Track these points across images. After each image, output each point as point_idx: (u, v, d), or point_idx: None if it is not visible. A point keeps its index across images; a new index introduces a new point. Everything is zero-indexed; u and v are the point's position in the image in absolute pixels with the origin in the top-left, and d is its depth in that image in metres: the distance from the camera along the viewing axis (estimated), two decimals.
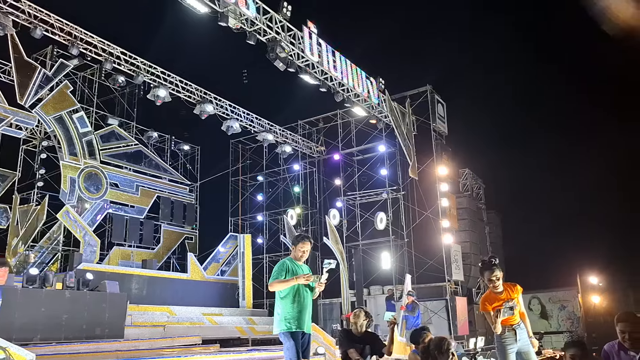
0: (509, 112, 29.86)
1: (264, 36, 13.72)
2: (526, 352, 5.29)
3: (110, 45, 15.54)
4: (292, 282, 5.12)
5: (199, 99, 17.86)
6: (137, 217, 19.21)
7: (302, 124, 23.40)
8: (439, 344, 4.36)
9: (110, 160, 18.39)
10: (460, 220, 21.09)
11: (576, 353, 4.51)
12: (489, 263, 5.44)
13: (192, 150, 23.19)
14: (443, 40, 30.79)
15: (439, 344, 4.37)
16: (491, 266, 5.37)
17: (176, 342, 11.59)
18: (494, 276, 5.30)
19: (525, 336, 5.31)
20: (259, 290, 21.16)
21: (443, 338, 4.50)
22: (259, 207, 24.33)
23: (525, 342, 5.29)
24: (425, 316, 18.54)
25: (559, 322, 23.75)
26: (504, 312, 5.18)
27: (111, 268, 15.47)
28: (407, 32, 31.16)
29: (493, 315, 5.20)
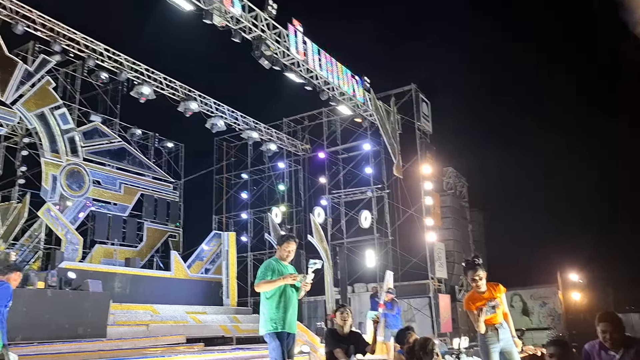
0: (493, 112, 30.13)
1: (249, 34, 13.68)
2: (509, 351, 5.36)
3: (93, 41, 15.37)
4: (279, 283, 5.13)
5: (183, 96, 17.74)
6: (120, 215, 19.04)
7: (287, 122, 23.39)
8: (424, 344, 4.41)
9: (92, 157, 18.18)
10: (444, 219, 21.26)
11: (555, 352, 4.59)
12: (472, 263, 5.51)
13: (176, 148, 23.04)
14: (428, 39, 30.91)
15: (423, 344, 4.41)
16: (474, 266, 5.45)
17: (160, 342, 11.54)
18: (477, 276, 5.38)
19: (508, 335, 5.38)
20: (243, 288, 21.13)
21: (428, 338, 4.54)
22: (243, 205, 24.27)
23: (508, 342, 5.35)
24: (408, 313, 18.68)
25: (540, 319, 24.05)
26: (486, 311, 5.26)
27: (94, 267, 15.34)
28: (392, 31, 31.29)
29: (476, 314, 5.27)
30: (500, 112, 30.30)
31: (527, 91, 29.85)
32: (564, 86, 28.20)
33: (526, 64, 29.66)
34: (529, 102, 30.42)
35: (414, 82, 20.92)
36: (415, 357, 4.39)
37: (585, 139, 27.49)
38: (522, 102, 30.51)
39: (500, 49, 30.50)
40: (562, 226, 25.65)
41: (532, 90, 29.58)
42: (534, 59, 28.88)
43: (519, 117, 30.12)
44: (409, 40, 31.43)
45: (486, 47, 30.44)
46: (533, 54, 29.06)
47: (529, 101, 30.34)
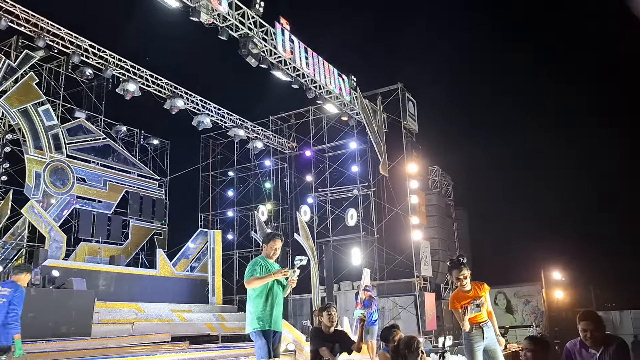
0: (478, 111, 30.39)
1: (236, 32, 13.64)
2: (493, 349, 5.43)
3: (78, 37, 15.20)
4: (270, 278, 5.14)
5: (170, 93, 17.64)
6: (105, 213, 18.89)
7: (274, 120, 23.37)
8: (409, 343, 4.44)
9: (77, 154, 18.03)
10: (429, 217, 21.40)
11: (529, 347, 4.67)
12: (457, 262, 5.58)
13: (161, 145, 22.89)
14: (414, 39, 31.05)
15: (408, 343, 4.45)
16: (459, 265, 5.51)
17: (145, 340, 11.50)
18: (462, 275, 5.44)
19: (492, 334, 5.44)
20: (229, 286, 21.11)
21: (412, 337, 4.58)
22: (229, 202, 24.21)
23: (492, 340, 5.42)
24: (394, 311, 18.80)
25: (524, 317, 24.34)
26: (471, 309, 5.33)
27: (78, 264, 15.23)
28: (379, 30, 31.39)
29: (461, 313, 5.34)
30: (486, 112, 30.58)
31: (513, 91, 30.15)
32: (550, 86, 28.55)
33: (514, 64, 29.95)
34: (515, 102, 30.71)
35: (400, 81, 21.03)
36: (400, 355, 4.42)
37: (569, 140, 27.85)
38: (507, 102, 30.79)
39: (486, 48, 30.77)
40: (546, 225, 26.00)
41: (518, 90, 29.89)
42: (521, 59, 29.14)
43: (505, 117, 30.37)
44: (396, 40, 31.57)
45: (473, 47, 30.69)
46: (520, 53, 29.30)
47: (515, 101, 30.64)
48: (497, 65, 31.23)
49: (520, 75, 29.00)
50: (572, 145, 27.48)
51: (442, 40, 30.62)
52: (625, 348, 4.14)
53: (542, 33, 29.36)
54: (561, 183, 26.85)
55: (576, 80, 28.10)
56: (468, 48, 30.49)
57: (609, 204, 27.37)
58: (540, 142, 29.47)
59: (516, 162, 29.16)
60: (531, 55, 28.74)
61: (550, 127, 29.42)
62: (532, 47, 29.00)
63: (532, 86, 29.03)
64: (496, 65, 31.15)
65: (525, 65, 29.04)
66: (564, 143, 28.42)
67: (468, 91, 30.91)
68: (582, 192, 26.65)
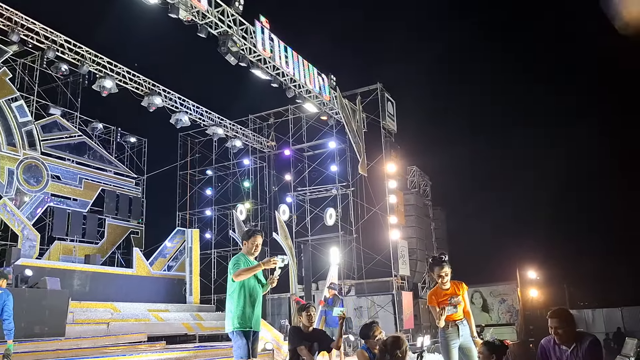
0: (457, 112, 30.73)
1: (215, 29, 13.55)
2: (468, 347, 5.52)
3: (53, 32, 14.91)
4: (259, 268, 5.10)
5: (147, 90, 17.43)
6: (80, 211, 18.60)
7: (253, 119, 23.27)
8: (398, 344, 4.43)
9: (51, 151, 17.71)
10: (407, 217, 21.54)
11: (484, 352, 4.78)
12: (439, 260, 5.68)
13: (139, 143, 22.60)
14: (394, 39, 31.25)
15: (397, 343, 4.43)
16: (440, 262, 5.61)
17: (120, 340, 11.36)
18: (443, 272, 5.55)
19: (467, 332, 5.54)
20: (207, 285, 20.96)
21: (399, 337, 4.56)
22: (207, 201, 24.05)
23: (467, 338, 5.51)
24: (371, 310, 18.89)
25: (499, 315, 24.67)
26: (448, 309, 5.44)
27: (52, 264, 14.97)
28: (359, 30, 31.51)
29: (438, 311, 5.45)
30: (464, 112, 30.94)
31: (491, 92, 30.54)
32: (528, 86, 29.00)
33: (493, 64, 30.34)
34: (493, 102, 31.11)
35: (379, 81, 21.12)
36: (389, 354, 4.40)
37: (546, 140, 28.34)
38: (486, 103, 31.19)
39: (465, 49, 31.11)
40: (521, 225, 26.41)
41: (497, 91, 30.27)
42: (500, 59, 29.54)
43: (483, 117, 30.78)
44: (376, 40, 31.74)
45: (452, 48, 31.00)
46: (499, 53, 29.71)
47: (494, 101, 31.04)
48: (475, 65, 31.65)
49: (500, 75, 29.41)
50: (548, 146, 28.02)
51: (422, 42, 30.90)
52: (598, 344, 4.22)
53: (522, 33, 29.83)
54: (537, 183, 27.33)
55: (555, 80, 28.65)
56: (447, 49, 30.78)
57: (582, 204, 27.93)
58: (517, 142, 29.95)
59: (493, 162, 29.54)
60: (511, 55, 29.18)
61: (527, 128, 29.90)
62: (512, 47, 29.44)
63: (511, 86, 29.46)
64: (475, 65, 31.57)
65: (504, 65, 29.47)
66: (541, 143, 28.95)
67: (447, 92, 31.26)
68: (557, 192, 27.14)
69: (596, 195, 27.39)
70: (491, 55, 30.57)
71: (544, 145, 28.23)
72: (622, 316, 22.16)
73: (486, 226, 26.03)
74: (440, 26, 31.07)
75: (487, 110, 31.05)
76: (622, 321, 21.90)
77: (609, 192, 26.70)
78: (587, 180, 27.60)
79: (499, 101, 30.61)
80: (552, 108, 29.88)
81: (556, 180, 27.05)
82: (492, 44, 30.24)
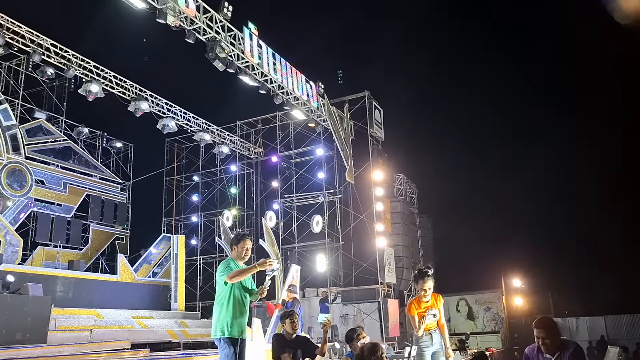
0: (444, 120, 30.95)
1: (203, 35, 13.54)
2: (438, 354, 5.88)
3: (39, 36, 14.80)
4: (254, 270, 5.06)
5: (134, 95, 17.35)
6: (64, 216, 18.39)
7: (241, 125, 23.22)
8: (374, 349, 4.48)
9: (36, 155, 17.52)
10: (394, 224, 21.60)
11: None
12: (424, 272, 5.93)
13: (125, 148, 22.42)
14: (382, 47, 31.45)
15: (373, 349, 4.48)
16: (425, 276, 5.86)
17: (103, 347, 11.22)
18: (427, 286, 5.81)
19: (439, 340, 5.88)
20: (192, 292, 20.80)
21: (376, 343, 4.62)
22: (193, 207, 23.90)
23: (439, 346, 5.86)
24: (357, 318, 18.86)
25: (484, 323, 24.78)
26: (427, 318, 5.78)
27: (34, 269, 14.76)
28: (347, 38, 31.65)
29: (417, 321, 5.80)
30: (450, 121, 31.17)
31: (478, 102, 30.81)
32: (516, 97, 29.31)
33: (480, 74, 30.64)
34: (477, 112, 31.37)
35: (367, 89, 21.21)
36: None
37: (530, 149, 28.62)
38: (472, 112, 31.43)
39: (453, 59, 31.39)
40: (507, 233, 26.60)
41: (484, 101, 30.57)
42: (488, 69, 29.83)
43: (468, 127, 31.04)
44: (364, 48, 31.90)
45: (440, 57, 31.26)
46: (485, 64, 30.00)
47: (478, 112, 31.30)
48: (462, 75, 31.92)
49: (486, 86, 29.70)
50: (533, 155, 28.27)
51: (410, 51, 31.12)
52: (581, 353, 4.27)
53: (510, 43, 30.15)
54: (522, 192, 27.57)
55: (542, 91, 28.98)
56: (435, 59, 31.06)
57: (567, 214, 28.21)
58: (502, 151, 30.23)
59: (479, 171, 29.78)
60: (499, 65, 29.46)
61: (512, 137, 30.22)
62: (499, 57, 29.73)
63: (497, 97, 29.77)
64: (462, 75, 31.83)
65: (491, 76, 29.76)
66: (525, 153, 29.22)
67: (434, 100, 31.49)
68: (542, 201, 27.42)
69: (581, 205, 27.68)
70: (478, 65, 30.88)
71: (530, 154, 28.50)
72: (606, 325, 22.37)
73: (472, 234, 26.20)
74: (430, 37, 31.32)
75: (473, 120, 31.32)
76: (606, 329, 22.12)
77: (593, 202, 27.02)
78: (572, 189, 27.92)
79: (486, 111, 30.90)
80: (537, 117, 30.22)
81: (542, 189, 27.34)
82: (479, 53, 30.57)
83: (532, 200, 27.37)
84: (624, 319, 22.38)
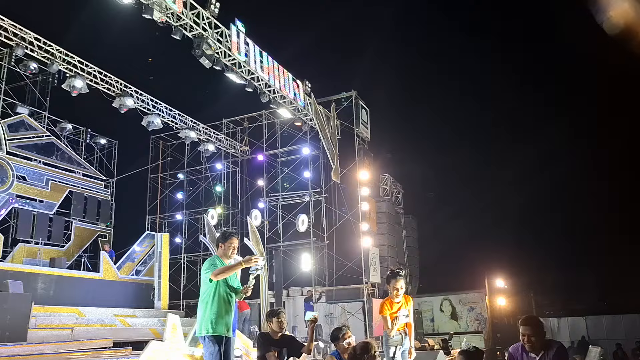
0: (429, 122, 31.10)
1: (190, 32, 13.43)
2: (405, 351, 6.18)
3: (22, 29, 14.57)
4: (239, 266, 5.02)
5: (119, 91, 17.16)
6: (46, 213, 18.12)
7: (227, 123, 23.11)
8: (367, 348, 4.48)
9: (18, 151, 17.24)
10: (379, 224, 21.65)
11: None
12: (396, 273, 6.16)
13: (109, 145, 22.17)
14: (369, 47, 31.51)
15: (366, 348, 4.49)
16: (397, 276, 6.09)
17: (85, 345, 11.08)
18: (399, 285, 6.05)
19: (407, 340, 6.17)
20: (176, 291, 20.66)
21: (369, 342, 4.62)
22: (178, 205, 23.73)
23: (406, 344, 6.14)
24: (342, 317, 18.87)
25: (467, 323, 24.94)
26: (400, 319, 6.04)
27: (15, 266, 14.50)
28: (335, 38, 31.66)
29: (389, 320, 6.08)
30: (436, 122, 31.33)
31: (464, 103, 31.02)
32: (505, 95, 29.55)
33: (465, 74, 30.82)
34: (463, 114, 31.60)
35: (354, 89, 21.22)
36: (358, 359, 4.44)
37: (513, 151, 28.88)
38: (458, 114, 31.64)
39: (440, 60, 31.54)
40: (490, 235, 26.85)
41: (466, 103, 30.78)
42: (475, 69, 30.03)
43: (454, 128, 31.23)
44: (351, 48, 31.94)
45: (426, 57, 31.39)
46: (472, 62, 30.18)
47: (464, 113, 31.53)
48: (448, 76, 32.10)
49: (472, 86, 29.93)
50: (516, 156, 28.55)
51: (396, 50, 31.22)
52: (564, 352, 4.31)
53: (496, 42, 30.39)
54: (506, 193, 27.81)
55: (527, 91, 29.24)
56: (422, 58, 31.19)
57: (550, 216, 28.54)
58: (486, 153, 30.46)
59: (464, 172, 30.01)
60: (487, 65, 29.69)
61: (496, 138, 30.46)
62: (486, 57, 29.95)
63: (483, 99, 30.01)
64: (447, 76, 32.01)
65: (477, 76, 29.99)
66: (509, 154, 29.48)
67: (420, 101, 31.62)
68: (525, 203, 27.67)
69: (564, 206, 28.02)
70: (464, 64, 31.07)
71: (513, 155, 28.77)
72: (587, 325, 22.67)
73: (456, 235, 26.39)
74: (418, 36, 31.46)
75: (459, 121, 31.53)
76: (587, 330, 22.41)
77: (577, 203, 27.36)
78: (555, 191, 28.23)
79: (471, 111, 31.13)
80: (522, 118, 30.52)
81: (525, 191, 27.59)
82: (466, 54, 30.78)
83: (515, 201, 27.63)
84: (604, 319, 22.69)
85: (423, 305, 24.41)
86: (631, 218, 25.06)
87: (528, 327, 4.34)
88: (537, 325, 4.37)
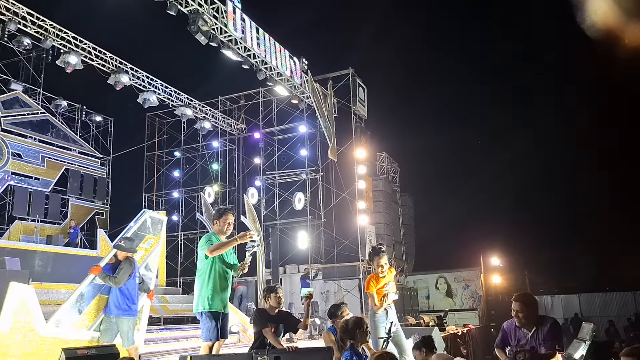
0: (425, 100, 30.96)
1: (185, 7, 13.25)
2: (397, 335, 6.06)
3: (15, 4, 14.33)
4: (234, 242, 5.07)
5: (114, 68, 16.98)
6: (43, 190, 18.10)
7: (223, 100, 22.95)
8: (359, 323, 4.53)
9: (12, 128, 17.14)
10: (376, 202, 21.70)
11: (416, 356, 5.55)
12: (378, 249, 6.25)
13: (104, 122, 22.04)
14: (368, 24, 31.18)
15: (359, 323, 4.54)
16: (379, 252, 6.18)
17: None
18: (382, 261, 6.10)
19: (394, 314, 6.16)
20: (173, 268, 20.77)
21: (361, 318, 4.67)
22: (175, 183, 23.71)
23: (392, 318, 6.09)
24: (338, 294, 19.04)
25: (463, 300, 25.18)
26: (390, 296, 6.06)
27: (12, 244, 14.49)
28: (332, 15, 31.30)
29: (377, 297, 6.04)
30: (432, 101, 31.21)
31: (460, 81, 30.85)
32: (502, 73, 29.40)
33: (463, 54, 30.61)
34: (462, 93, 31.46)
35: (351, 66, 21.05)
36: (349, 335, 4.48)
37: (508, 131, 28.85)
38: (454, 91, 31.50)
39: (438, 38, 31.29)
40: (486, 213, 26.97)
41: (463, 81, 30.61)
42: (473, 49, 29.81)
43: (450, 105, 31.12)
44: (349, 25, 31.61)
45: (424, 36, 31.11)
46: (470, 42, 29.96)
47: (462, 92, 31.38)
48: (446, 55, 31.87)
49: (471, 66, 29.73)
50: (511, 136, 28.54)
51: (395, 28, 30.93)
52: (557, 327, 4.37)
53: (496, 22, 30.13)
54: (502, 173, 27.86)
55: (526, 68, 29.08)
56: (420, 37, 30.90)
57: (545, 195, 28.65)
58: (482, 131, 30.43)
59: (461, 150, 30.01)
60: (487, 45, 29.46)
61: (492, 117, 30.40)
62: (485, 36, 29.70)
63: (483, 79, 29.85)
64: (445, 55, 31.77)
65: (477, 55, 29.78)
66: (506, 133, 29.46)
67: (418, 79, 31.44)
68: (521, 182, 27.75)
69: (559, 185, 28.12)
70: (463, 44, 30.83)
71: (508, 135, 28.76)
72: (580, 302, 22.97)
73: (452, 213, 26.49)
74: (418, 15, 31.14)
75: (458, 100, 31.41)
76: (580, 307, 22.72)
77: (570, 184, 27.46)
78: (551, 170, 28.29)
79: (470, 91, 30.99)
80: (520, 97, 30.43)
81: (521, 170, 27.64)
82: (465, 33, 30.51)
83: (511, 180, 27.70)
84: (597, 297, 22.97)
85: (419, 283, 24.62)
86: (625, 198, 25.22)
87: (518, 303, 4.42)
88: (528, 302, 4.43)
